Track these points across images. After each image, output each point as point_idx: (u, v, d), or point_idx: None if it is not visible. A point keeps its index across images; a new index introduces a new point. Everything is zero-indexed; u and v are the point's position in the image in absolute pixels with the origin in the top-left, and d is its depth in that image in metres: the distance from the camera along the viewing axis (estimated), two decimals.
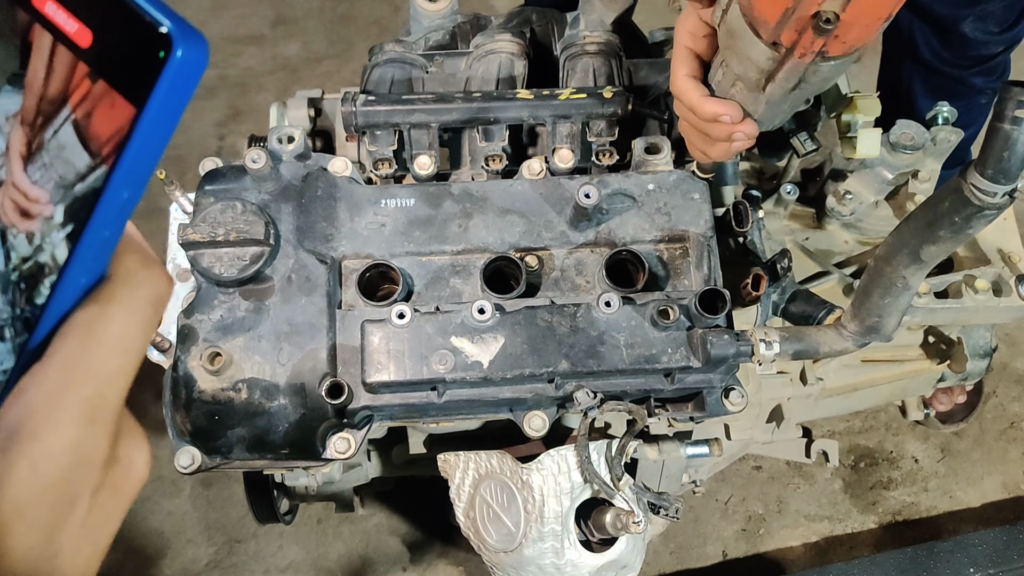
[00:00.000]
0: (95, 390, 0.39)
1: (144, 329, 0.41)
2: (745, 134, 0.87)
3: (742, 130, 0.86)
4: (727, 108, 0.85)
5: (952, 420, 1.91)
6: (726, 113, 0.85)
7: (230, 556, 1.81)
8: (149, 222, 2.26)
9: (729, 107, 0.85)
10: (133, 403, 0.43)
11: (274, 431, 0.90)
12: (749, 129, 0.86)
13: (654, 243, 0.97)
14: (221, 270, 0.89)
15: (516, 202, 0.99)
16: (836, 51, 0.71)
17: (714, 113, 0.85)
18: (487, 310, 0.88)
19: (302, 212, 0.96)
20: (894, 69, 1.72)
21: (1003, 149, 0.66)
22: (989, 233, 1.31)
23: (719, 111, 0.85)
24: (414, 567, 1.80)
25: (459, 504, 1.05)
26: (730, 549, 1.83)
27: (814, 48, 0.70)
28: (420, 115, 1.08)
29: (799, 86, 0.77)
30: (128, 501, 0.42)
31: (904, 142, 1.22)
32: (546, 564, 0.99)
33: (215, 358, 0.87)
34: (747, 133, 0.87)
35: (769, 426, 1.39)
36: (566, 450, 0.99)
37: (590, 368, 0.89)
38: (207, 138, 2.31)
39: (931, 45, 1.60)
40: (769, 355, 0.88)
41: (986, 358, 1.38)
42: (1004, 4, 1.49)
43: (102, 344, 0.39)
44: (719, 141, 0.89)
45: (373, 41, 1.23)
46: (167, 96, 0.36)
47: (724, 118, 0.85)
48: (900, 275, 0.82)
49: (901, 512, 1.87)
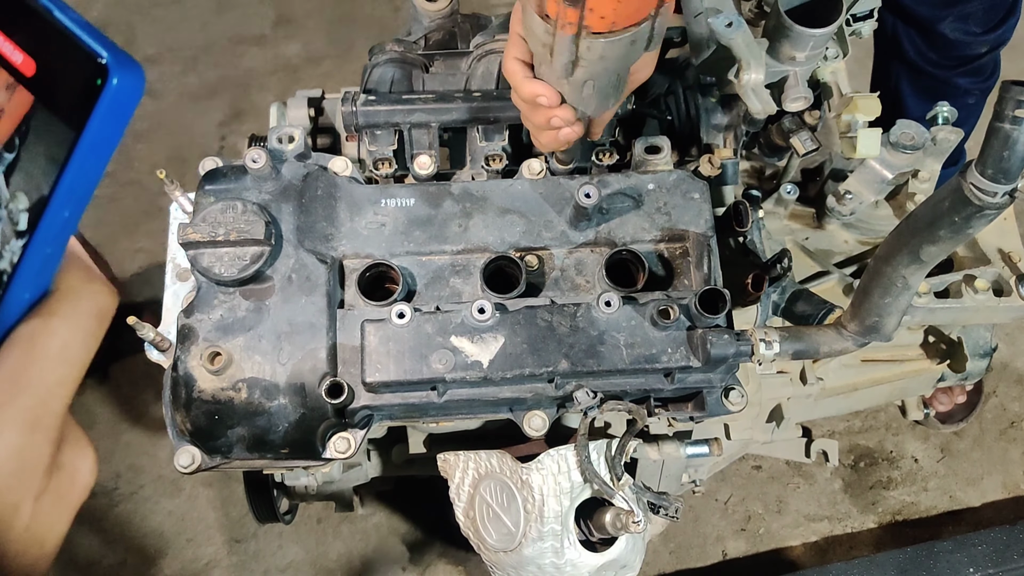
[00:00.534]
0: (37, 399, 0.40)
1: (86, 341, 0.43)
2: (561, 119, 0.86)
3: (558, 115, 0.86)
4: (543, 89, 0.84)
5: (952, 420, 1.91)
6: (542, 94, 0.84)
7: (230, 556, 1.81)
8: (149, 222, 2.27)
9: (544, 87, 0.84)
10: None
11: (274, 431, 0.90)
12: (564, 114, 0.86)
13: (654, 243, 0.97)
14: (221, 270, 0.89)
15: (516, 202, 0.99)
16: (599, 26, 0.71)
17: (532, 93, 0.85)
18: (487, 310, 0.88)
19: (302, 212, 0.96)
20: (883, 70, 1.72)
21: (1003, 149, 0.66)
22: (989, 233, 1.31)
23: (536, 91, 0.84)
24: (414, 567, 1.80)
25: (459, 504, 1.05)
26: (730, 549, 1.83)
27: (571, 20, 0.69)
28: (420, 115, 1.08)
29: (579, 64, 0.76)
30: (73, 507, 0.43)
31: (904, 142, 1.22)
32: (546, 564, 0.99)
33: (215, 358, 0.87)
34: (562, 117, 0.86)
35: (769, 426, 1.39)
36: (566, 450, 0.99)
37: (590, 368, 0.89)
38: (208, 138, 2.32)
39: (916, 46, 1.60)
40: (769, 355, 0.88)
41: (986, 358, 1.38)
42: (986, 5, 1.49)
43: (44, 356, 0.41)
44: (542, 128, 0.89)
45: (373, 41, 1.23)
46: (104, 121, 0.38)
47: (541, 99, 0.84)
48: (900, 275, 0.82)
49: (901, 512, 1.87)
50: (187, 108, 2.36)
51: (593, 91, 0.83)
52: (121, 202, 2.21)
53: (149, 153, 2.29)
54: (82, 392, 1.93)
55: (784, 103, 1.06)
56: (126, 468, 1.88)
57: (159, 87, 2.39)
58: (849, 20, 1.20)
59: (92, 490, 0.47)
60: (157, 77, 2.40)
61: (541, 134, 0.92)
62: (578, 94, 0.84)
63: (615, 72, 0.82)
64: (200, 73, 2.42)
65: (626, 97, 0.92)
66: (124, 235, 2.16)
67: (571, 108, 0.86)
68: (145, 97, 1.89)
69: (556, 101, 0.85)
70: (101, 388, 1.95)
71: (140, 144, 2.30)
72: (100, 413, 1.93)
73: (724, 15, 0.97)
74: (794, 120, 1.16)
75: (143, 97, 0.39)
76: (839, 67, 1.15)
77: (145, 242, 2.15)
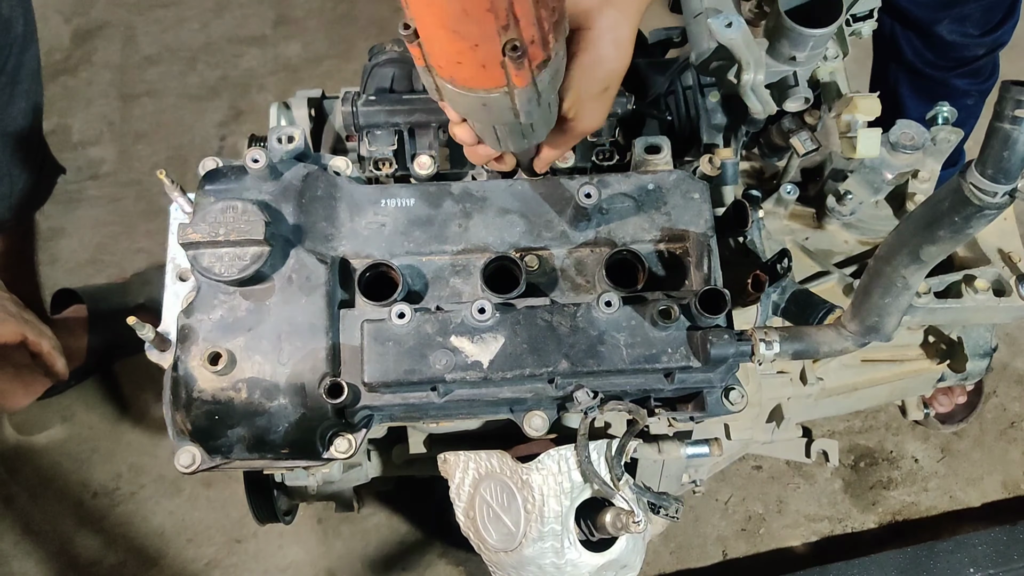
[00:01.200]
0: None
1: None
2: (480, 155, 0.90)
3: (480, 153, 0.89)
4: (461, 132, 0.85)
5: (952, 420, 1.91)
6: (457, 134, 0.86)
7: (230, 556, 1.81)
8: (149, 222, 2.27)
9: (464, 132, 0.85)
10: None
11: (274, 431, 0.90)
12: (483, 152, 0.89)
13: (654, 243, 0.97)
14: (221, 270, 0.89)
15: (516, 202, 0.99)
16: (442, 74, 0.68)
17: (455, 135, 0.87)
18: (487, 310, 0.88)
19: (302, 212, 0.96)
20: (881, 71, 1.72)
21: (1003, 149, 0.66)
22: (989, 233, 1.31)
23: (456, 133, 0.86)
24: (414, 567, 1.80)
25: (459, 504, 1.05)
26: (730, 549, 1.83)
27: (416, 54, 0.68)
28: (420, 115, 1.08)
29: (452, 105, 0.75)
30: None
31: (904, 142, 1.22)
32: (546, 564, 0.99)
33: (215, 358, 0.87)
34: (481, 155, 0.90)
35: (769, 426, 1.39)
36: (566, 450, 0.99)
37: (590, 368, 0.89)
38: (208, 138, 2.32)
39: (914, 47, 1.60)
40: (769, 355, 0.88)
41: (986, 358, 1.38)
42: (983, 7, 1.49)
43: None
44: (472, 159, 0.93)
45: (373, 41, 1.23)
46: None
47: (456, 138, 0.87)
48: (900, 275, 0.82)
49: (901, 512, 1.87)
50: (187, 108, 2.36)
51: (482, 130, 0.82)
52: (121, 202, 2.21)
53: (149, 153, 2.29)
54: (83, 392, 1.93)
55: (784, 103, 1.06)
56: (127, 468, 1.88)
57: (159, 87, 2.39)
58: (849, 20, 1.20)
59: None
60: (157, 77, 2.40)
61: (475, 160, 0.93)
62: (493, 140, 0.84)
63: (490, 124, 0.79)
64: (200, 73, 2.42)
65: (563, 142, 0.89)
66: (124, 235, 2.16)
67: (468, 129, 0.85)
68: (145, 97, 1.90)
69: (472, 140, 0.86)
70: (101, 388, 1.95)
71: (140, 144, 2.30)
72: (100, 413, 1.93)
73: (724, 15, 0.97)
74: (794, 120, 1.16)
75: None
76: (839, 67, 1.15)
77: (145, 242, 2.15)
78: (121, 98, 2.36)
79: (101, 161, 2.27)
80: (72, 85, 2.39)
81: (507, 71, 0.65)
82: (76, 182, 2.20)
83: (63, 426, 1.92)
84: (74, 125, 2.33)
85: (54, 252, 2.13)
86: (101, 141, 2.30)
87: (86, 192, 2.22)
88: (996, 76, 1.67)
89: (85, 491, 1.86)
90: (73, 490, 1.87)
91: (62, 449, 1.90)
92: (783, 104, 1.06)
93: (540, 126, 0.81)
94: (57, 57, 2.43)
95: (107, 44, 2.46)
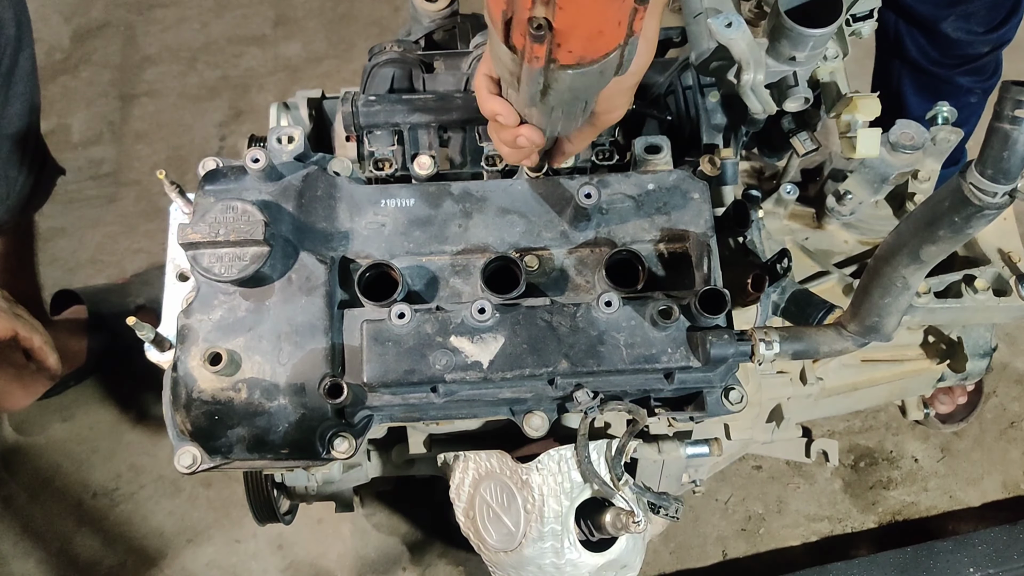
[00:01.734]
0: None
1: None
2: (527, 139, 0.85)
3: (523, 134, 0.85)
4: (502, 108, 0.83)
5: (952, 420, 1.91)
6: (500, 112, 0.83)
7: (230, 556, 1.81)
8: (149, 222, 2.27)
9: (503, 107, 0.83)
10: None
11: (274, 431, 0.90)
12: (530, 134, 0.85)
13: (654, 243, 0.97)
14: (221, 270, 0.89)
15: (516, 202, 0.99)
16: (567, 60, 0.69)
17: (491, 111, 0.84)
18: (487, 310, 0.88)
19: (302, 212, 0.96)
20: (884, 69, 1.72)
21: (1003, 149, 0.66)
22: (989, 233, 1.31)
23: (495, 109, 0.83)
24: (414, 567, 1.80)
25: (459, 504, 1.05)
26: (730, 549, 1.83)
27: (538, 54, 0.68)
28: (420, 115, 1.08)
29: (548, 93, 0.75)
30: None
31: (904, 142, 1.22)
32: (546, 564, 0.99)
33: (215, 358, 0.87)
34: (529, 138, 0.85)
35: (769, 426, 1.39)
36: (566, 450, 0.99)
37: (590, 368, 0.89)
38: (208, 138, 2.32)
39: (918, 44, 1.60)
40: (769, 355, 0.88)
41: (986, 358, 1.38)
42: (988, 5, 1.49)
43: None
44: (505, 144, 0.88)
45: (373, 41, 1.23)
46: None
47: (499, 118, 0.84)
48: (900, 275, 0.82)
49: (901, 512, 1.87)
50: (187, 108, 2.36)
51: (560, 115, 0.82)
52: (121, 202, 2.21)
53: (149, 153, 2.29)
54: (83, 392, 1.93)
55: (784, 103, 1.06)
56: (127, 468, 1.88)
57: (159, 87, 2.39)
58: (849, 20, 1.20)
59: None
60: (157, 77, 2.40)
61: (502, 148, 0.91)
62: (546, 118, 0.83)
63: (583, 99, 0.81)
64: (200, 73, 2.42)
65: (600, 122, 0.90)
66: (124, 235, 2.16)
67: (536, 129, 0.84)
68: (145, 97, 1.89)
69: (514, 121, 0.84)
70: (101, 388, 1.95)
71: (140, 144, 2.30)
72: (100, 413, 1.93)
73: (724, 15, 0.97)
74: (794, 120, 1.16)
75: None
76: (839, 67, 1.15)
77: (145, 242, 2.15)
78: (121, 98, 2.36)
79: (101, 161, 2.27)
80: (72, 85, 2.39)
81: (632, 20, 0.67)
82: (76, 182, 2.20)
83: (63, 426, 1.92)
84: (74, 125, 2.33)
85: (54, 252, 2.13)
86: (101, 141, 2.30)
87: (86, 192, 2.22)
88: (999, 74, 1.67)
89: (85, 491, 1.86)
90: (73, 490, 1.87)
91: (62, 449, 1.90)
92: (783, 104, 1.06)
93: (593, 101, 0.84)
94: (57, 57, 2.43)
95: (107, 44, 2.46)
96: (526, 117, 0.83)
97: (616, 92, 0.83)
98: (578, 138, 0.92)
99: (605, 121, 0.89)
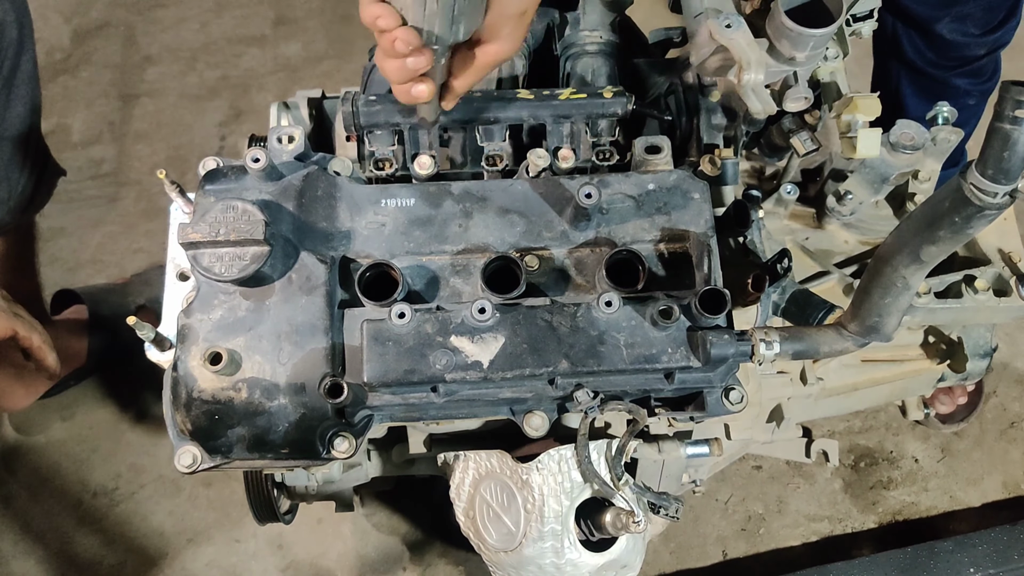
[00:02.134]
0: None
1: None
2: (403, 41, 0.79)
3: (399, 36, 0.79)
4: (381, 10, 0.79)
5: (952, 420, 1.91)
6: (380, 15, 0.79)
7: (229, 556, 1.81)
8: (149, 222, 2.27)
9: (384, 9, 0.79)
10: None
11: (274, 430, 0.90)
12: (404, 35, 0.79)
13: (654, 243, 0.97)
14: (221, 270, 0.89)
15: (516, 202, 0.99)
16: None
17: (371, 15, 0.79)
18: (487, 310, 0.88)
19: (302, 212, 0.96)
20: (883, 69, 1.72)
21: (1003, 149, 0.66)
22: (989, 233, 1.31)
23: (374, 12, 0.79)
24: (414, 567, 1.80)
25: (459, 504, 1.05)
26: (730, 549, 1.83)
27: None
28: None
29: None
30: None
31: (904, 142, 1.22)
32: (546, 564, 0.99)
33: (216, 358, 0.87)
34: (403, 39, 0.79)
35: (769, 426, 1.39)
36: (566, 450, 0.99)
37: (590, 368, 0.89)
38: (208, 138, 2.32)
39: (915, 46, 1.60)
40: (769, 355, 0.88)
41: (986, 358, 1.38)
42: (983, 7, 1.49)
43: None
44: (385, 54, 0.83)
45: (373, 41, 1.23)
46: None
47: (379, 21, 0.79)
48: (900, 275, 0.82)
49: (901, 512, 1.87)
50: (187, 108, 2.36)
51: (436, 7, 0.77)
52: (121, 202, 2.21)
53: (149, 153, 2.29)
54: (83, 392, 1.93)
55: (784, 103, 1.06)
56: (126, 468, 1.88)
57: (159, 87, 2.39)
58: (849, 20, 1.20)
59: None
60: (157, 77, 2.40)
61: (387, 64, 0.85)
62: (420, 10, 0.78)
63: None
64: (200, 73, 2.42)
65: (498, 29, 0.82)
66: (124, 235, 2.16)
67: (413, 30, 0.79)
68: (145, 97, 1.89)
69: (395, 23, 0.78)
70: (101, 388, 1.96)
71: (140, 144, 2.30)
72: (100, 413, 1.93)
73: (724, 15, 0.97)
74: (794, 120, 1.16)
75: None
76: (839, 67, 1.15)
77: (145, 242, 2.15)
78: (121, 98, 2.37)
79: (101, 161, 2.27)
80: (72, 85, 2.39)
81: None
82: (76, 182, 2.20)
83: (63, 426, 1.92)
84: (74, 125, 2.33)
85: (54, 252, 2.13)
86: (101, 141, 2.30)
87: (86, 192, 2.22)
88: (998, 76, 1.67)
89: (85, 491, 1.86)
90: (73, 490, 1.87)
91: (62, 449, 1.90)
92: (783, 104, 1.06)
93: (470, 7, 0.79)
94: (57, 57, 2.43)
95: (107, 44, 2.46)
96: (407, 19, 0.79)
97: (500, 18, 0.79)
98: (464, 74, 0.86)
99: (490, 53, 0.83)
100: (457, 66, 0.86)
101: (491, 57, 0.85)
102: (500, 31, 0.81)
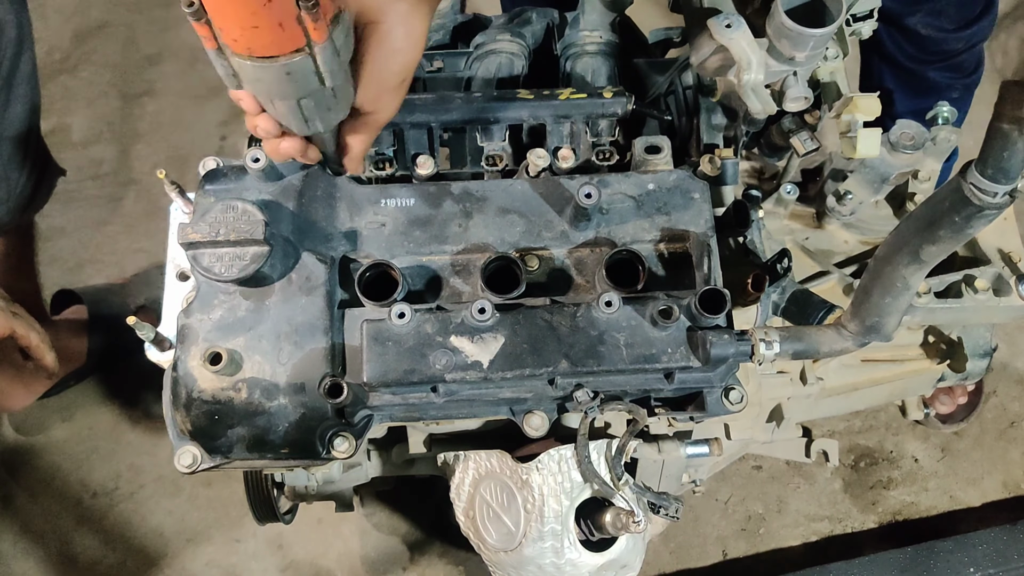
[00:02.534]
0: None
1: None
2: (262, 128, 0.82)
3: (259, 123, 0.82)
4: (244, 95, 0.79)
5: (952, 420, 1.91)
6: (242, 99, 0.80)
7: (229, 555, 1.81)
8: (149, 222, 2.27)
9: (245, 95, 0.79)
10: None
11: (274, 431, 0.90)
12: (263, 124, 0.81)
13: (654, 243, 0.97)
14: (221, 270, 0.89)
15: (516, 202, 0.99)
16: (237, 49, 0.67)
17: (235, 97, 0.80)
18: (487, 310, 0.88)
19: (302, 212, 0.96)
20: (867, 65, 1.73)
21: (1003, 149, 0.66)
22: (989, 233, 1.31)
23: (238, 95, 0.80)
24: (414, 567, 1.80)
25: (459, 504, 1.05)
26: (730, 549, 1.83)
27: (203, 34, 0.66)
28: (420, 115, 1.08)
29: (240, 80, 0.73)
30: None
31: (904, 142, 1.22)
32: (546, 563, 0.99)
33: (215, 358, 0.87)
34: (263, 127, 0.82)
35: (769, 426, 1.39)
36: (566, 450, 0.99)
37: (590, 367, 0.89)
38: (209, 138, 2.32)
39: (894, 40, 1.60)
40: (769, 355, 0.88)
41: (986, 358, 1.38)
42: (956, 2, 1.48)
43: None
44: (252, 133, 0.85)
45: None
46: None
47: (241, 103, 0.80)
48: (900, 275, 0.82)
49: (901, 512, 1.87)
50: (187, 108, 2.36)
51: (286, 111, 0.78)
52: (121, 202, 2.21)
53: (149, 153, 2.29)
54: (83, 392, 1.93)
55: (784, 103, 1.06)
56: (126, 468, 1.88)
57: (159, 87, 2.38)
58: (849, 20, 1.20)
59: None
60: (157, 77, 2.40)
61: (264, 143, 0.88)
62: (270, 108, 0.80)
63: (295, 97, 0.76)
64: (200, 73, 2.42)
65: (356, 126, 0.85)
66: (124, 235, 2.16)
67: (271, 119, 0.81)
68: (145, 97, 1.88)
69: (255, 109, 0.80)
70: (101, 388, 1.95)
71: (140, 144, 2.30)
72: (100, 413, 1.93)
73: (724, 15, 0.97)
74: (794, 120, 1.16)
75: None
76: (839, 67, 1.15)
77: (145, 242, 2.15)
78: (121, 98, 2.36)
79: (101, 161, 2.27)
80: (72, 85, 2.39)
81: (305, 27, 0.66)
82: (76, 182, 2.20)
83: (63, 426, 1.92)
84: (74, 125, 2.32)
85: (54, 252, 2.13)
86: (101, 141, 2.30)
87: (86, 192, 2.22)
88: (981, 70, 1.67)
89: (84, 491, 1.86)
90: (72, 490, 1.87)
91: (62, 449, 1.90)
92: (783, 104, 1.06)
93: (342, 95, 0.79)
94: (57, 57, 2.43)
95: (107, 44, 2.46)
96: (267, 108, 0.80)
97: (381, 92, 0.81)
98: (354, 141, 0.88)
99: (376, 121, 0.85)
100: (347, 132, 0.87)
101: (379, 123, 0.87)
102: (382, 103, 0.84)
